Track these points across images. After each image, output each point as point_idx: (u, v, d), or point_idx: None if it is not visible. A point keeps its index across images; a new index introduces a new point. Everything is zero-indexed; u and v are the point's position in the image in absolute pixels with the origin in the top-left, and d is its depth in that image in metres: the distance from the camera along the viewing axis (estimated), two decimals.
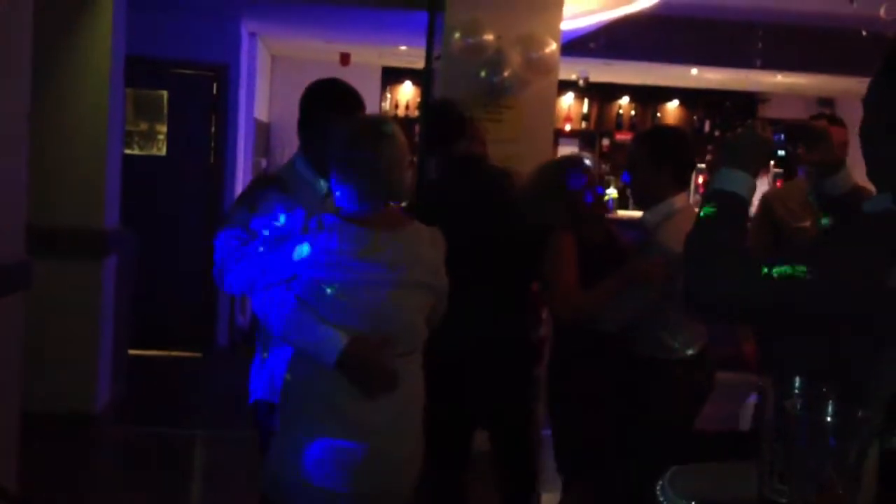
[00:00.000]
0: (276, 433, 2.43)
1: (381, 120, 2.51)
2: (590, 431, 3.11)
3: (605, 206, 3.38)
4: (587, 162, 3.37)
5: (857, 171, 2.04)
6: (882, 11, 5.08)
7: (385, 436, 2.37)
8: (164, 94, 7.34)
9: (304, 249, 2.35)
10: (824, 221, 2.03)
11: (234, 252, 2.55)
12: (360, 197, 2.40)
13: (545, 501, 3.68)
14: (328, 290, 2.35)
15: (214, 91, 7.40)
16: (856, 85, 7.77)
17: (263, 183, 2.65)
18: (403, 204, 2.94)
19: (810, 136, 1.85)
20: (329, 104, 2.70)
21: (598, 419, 3.09)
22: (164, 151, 7.40)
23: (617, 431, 3.05)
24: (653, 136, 3.40)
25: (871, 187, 1.76)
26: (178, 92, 7.35)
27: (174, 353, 7.20)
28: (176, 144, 7.39)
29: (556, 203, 3.14)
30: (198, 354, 7.28)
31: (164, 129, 7.37)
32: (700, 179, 9.17)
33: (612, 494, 3.06)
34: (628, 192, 5.96)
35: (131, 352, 6.07)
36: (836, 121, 3.78)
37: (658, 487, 1.45)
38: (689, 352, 3.07)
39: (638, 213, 3.27)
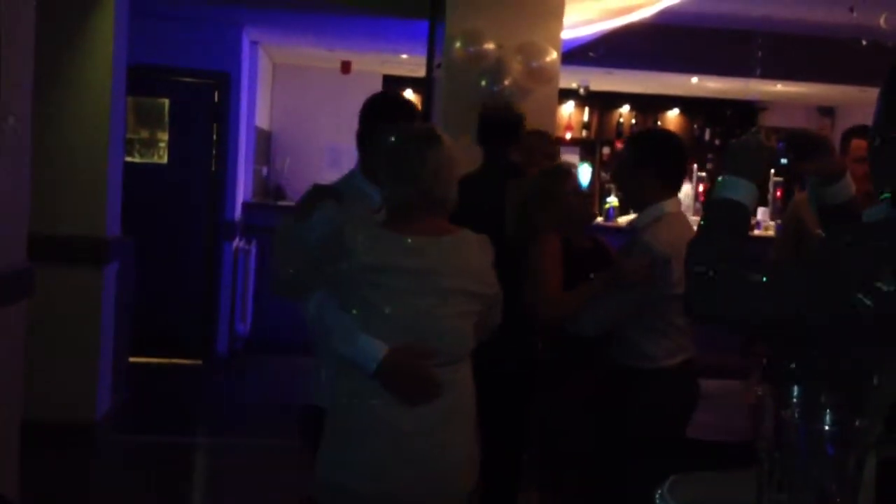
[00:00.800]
0: (325, 438, 2.45)
1: (430, 129, 2.53)
2: (574, 441, 3.11)
3: (593, 211, 3.45)
4: (576, 170, 3.45)
5: None
6: (882, 21, 5.09)
7: (429, 444, 2.36)
8: (166, 101, 7.35)
9: (347, 256, 2.37)
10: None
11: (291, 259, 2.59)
12: (402, 204, 2.41)
13: None
14: (368, 298, 2.36)
15: (216, 99, 7.42)
16: (856, 94, 7.79)
17: (319, 193, 2.64)
18: None
19: (811, 144, 1.85)
20: (384, 116, 2.72)
21: (582, 429, 3.09)
22: (164, 159, 7.41)
23: (601, 441, 3.04)
24: (637, 139, 3.42)
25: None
26: (180, 100, 7.37)
27: (174, 361, 7.20)
28: (177, 152, 7.40)
29: (553, 208, 3.16)
30: (198, 362, 7.28)
31: (165, 136, 7.38)
32: (700, 188, 9.18)
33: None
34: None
35: (131, 359, 6.08)
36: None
37: (657, 496, 1.45)
38: (671, 362, 3.02)
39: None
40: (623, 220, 8.03)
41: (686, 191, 8.26)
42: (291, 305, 2.69)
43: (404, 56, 8.10)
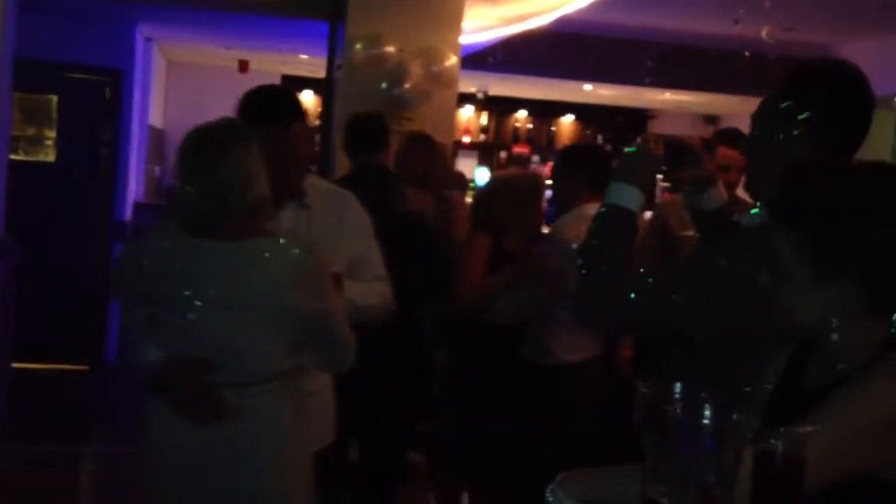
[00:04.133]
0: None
1: (209, 126, 2.22)
2: (483, 437, 3.16)
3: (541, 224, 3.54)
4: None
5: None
6: (764, 34, 5.32)
7: (211, 471, 2.13)
8: (54, 98, 7.12)
9: (135, 259, 2.24)
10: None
11: None
12: (183, 205, 2.18)
13: None
14: (155, 305, 2.19)
15: (107, 96, 7.22)
16: (739, 103, 8.10)
17: None
18: None
19: (684, 152, 1.93)
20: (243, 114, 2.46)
21: (490, 424, 3.15)
22: (52, 157, 7.17)
23: (509, 437, 3.11)
24: (563, 152, 3.60)
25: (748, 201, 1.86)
26: (69, 97, 7.15)
27: (60, 367, 6.97)
28: (65, 151, 7.17)
29: (527, 212, 3.25)
30: (85, 367, 7.06)
31: (52, 134, 7.14)
32: None
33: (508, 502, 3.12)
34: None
35: (14, 365, 5.85)
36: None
37: (548, 492, 1.49)
38: (573, 358, 3.13)
39: None
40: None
41: None
42: None
43: (304, 56, 8.04)
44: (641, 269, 1.73)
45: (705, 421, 1.16)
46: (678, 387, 1.20)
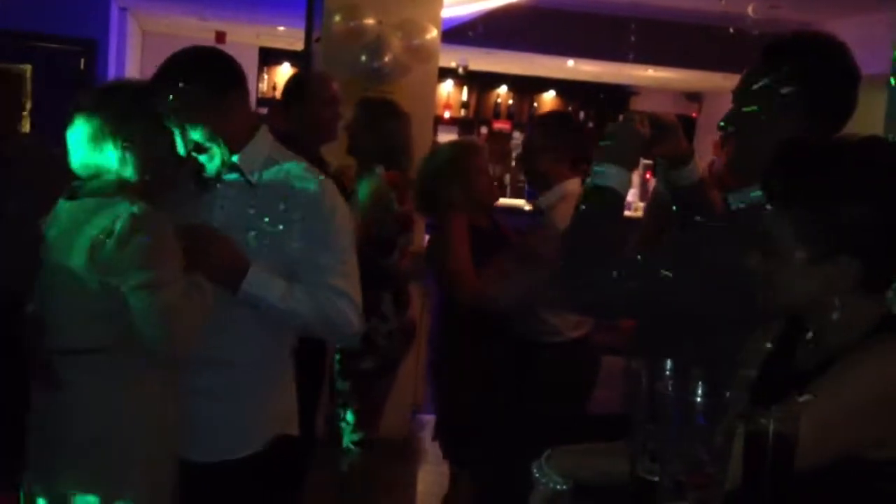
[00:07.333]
0: None
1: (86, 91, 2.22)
2: (474, 415, 3.13)
3: (497, 193, 3.42)
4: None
5: None
6: (749, 10, 5.30)
7: (42, 445, 2.05)
8: (28, 68, 7.00)
9: None
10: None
11: None
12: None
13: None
14: None
15: (82, 66, 7.11)
16: (722, 80, 8.10)
17: None
18: None
19: (661, 128, 1.89)
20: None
21: (482, 402, 3.12)
22: (26, 128, 7.06)
23: (501, 415, 3.09)
24: (540, 123, 3.46)
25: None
26: (43, 67, 7.04)
27: None
28: (39, 121, 7.07)
29: (456, 184, 3.13)
30: None
31: (26, 104, 7.04)
32: None
33: (497, 478, 3.10)
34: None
35: None
36: None
37: (535, 467, 1.48)
38: (574, 334, 3.12)
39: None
40: (504, 201, 8.12)
41: None
42: None
43: (281, 28, 7.95)
44: (628, 250, 1.71)
45: (697, 398, 1.14)
46: (669, 363, 1.18)
